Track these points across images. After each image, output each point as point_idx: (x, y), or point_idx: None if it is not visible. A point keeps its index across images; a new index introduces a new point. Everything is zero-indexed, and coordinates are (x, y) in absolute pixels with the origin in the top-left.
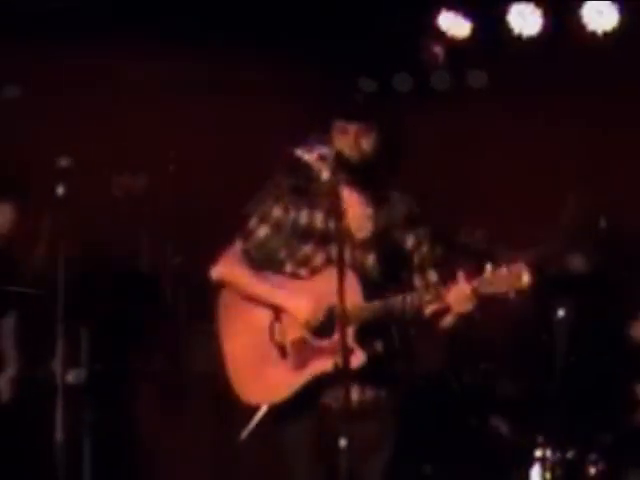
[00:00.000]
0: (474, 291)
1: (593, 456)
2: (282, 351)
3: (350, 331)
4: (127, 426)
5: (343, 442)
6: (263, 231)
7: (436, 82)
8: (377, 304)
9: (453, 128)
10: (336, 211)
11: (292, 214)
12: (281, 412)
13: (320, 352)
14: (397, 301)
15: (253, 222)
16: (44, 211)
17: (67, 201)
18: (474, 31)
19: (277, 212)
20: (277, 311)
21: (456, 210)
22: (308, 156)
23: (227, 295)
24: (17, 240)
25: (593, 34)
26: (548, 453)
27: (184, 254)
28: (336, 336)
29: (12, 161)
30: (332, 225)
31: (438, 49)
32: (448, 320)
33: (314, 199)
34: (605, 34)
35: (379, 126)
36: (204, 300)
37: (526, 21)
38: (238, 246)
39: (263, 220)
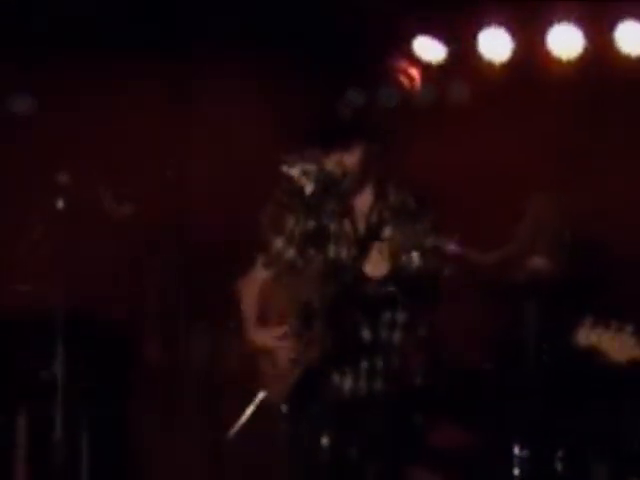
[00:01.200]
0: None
1: (561, 453)
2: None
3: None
4: (124, 424)
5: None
6: (279, 242)
7: (422, 97)
8: (332, 289)
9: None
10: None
11: (302, 221)
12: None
13: (308, 343)
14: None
15: (269, 235)
16: None
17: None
18: (450, 55)
19: (290, 222)
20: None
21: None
22: (292, 171)
23: None
24: None
25: (559, 60)
26: (516, 450)
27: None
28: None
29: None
30: (336, 227)
31: (414, 71)
32: None
33: (321, 204)
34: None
35: (362, 144)
36: (204, 300)
37: (496, 46)
38: (260, 260)
39: (277, 232)
